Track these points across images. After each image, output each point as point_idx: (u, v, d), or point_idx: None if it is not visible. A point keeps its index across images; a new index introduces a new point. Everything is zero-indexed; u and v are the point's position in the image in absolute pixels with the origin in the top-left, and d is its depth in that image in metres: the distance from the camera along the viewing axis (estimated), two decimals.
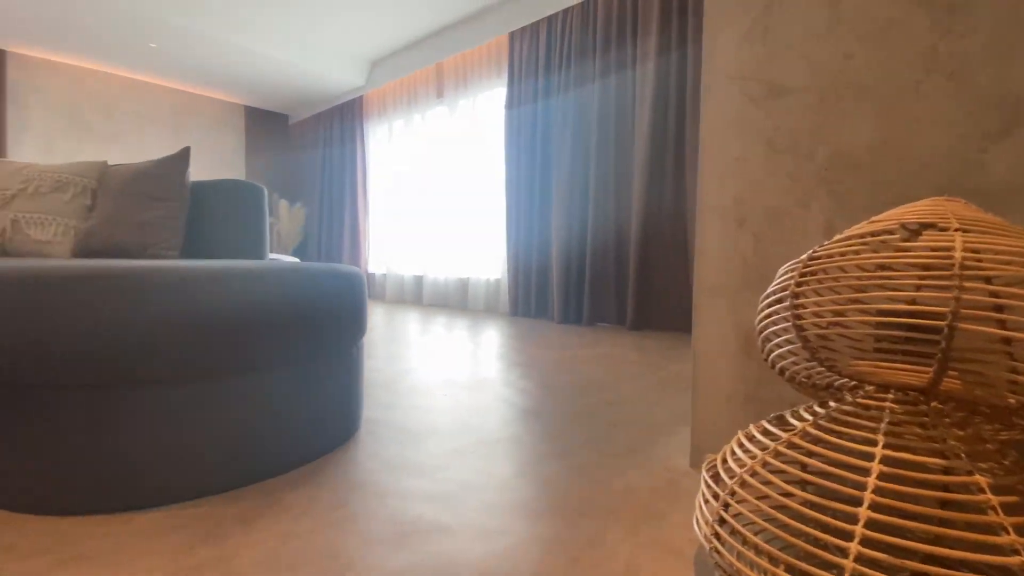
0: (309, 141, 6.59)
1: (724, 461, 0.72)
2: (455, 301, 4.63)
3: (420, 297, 5.09)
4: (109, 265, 0.85)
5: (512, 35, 3.94)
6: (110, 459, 0.85)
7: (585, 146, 3.45)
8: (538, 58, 3.76)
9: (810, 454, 0.61)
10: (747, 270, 0.96)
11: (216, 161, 6.32)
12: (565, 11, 3.56)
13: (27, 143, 5.07)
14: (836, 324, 0.65)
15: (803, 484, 0.61)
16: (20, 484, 0.84)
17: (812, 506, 0.58)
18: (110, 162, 5.57)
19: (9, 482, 0.84)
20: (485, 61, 4.28)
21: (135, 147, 5.69)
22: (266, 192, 1.83)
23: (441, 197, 4.76)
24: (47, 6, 3.95)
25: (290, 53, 4.87)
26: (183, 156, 1.70)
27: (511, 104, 3.93)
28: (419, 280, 5.09)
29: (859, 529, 0.51)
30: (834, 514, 0.56)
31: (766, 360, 0.76)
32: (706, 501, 0.69)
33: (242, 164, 6.54)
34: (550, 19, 3.67)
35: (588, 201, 3.43)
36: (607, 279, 3.32)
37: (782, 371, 0.75)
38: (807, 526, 0.55)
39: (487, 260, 4.34)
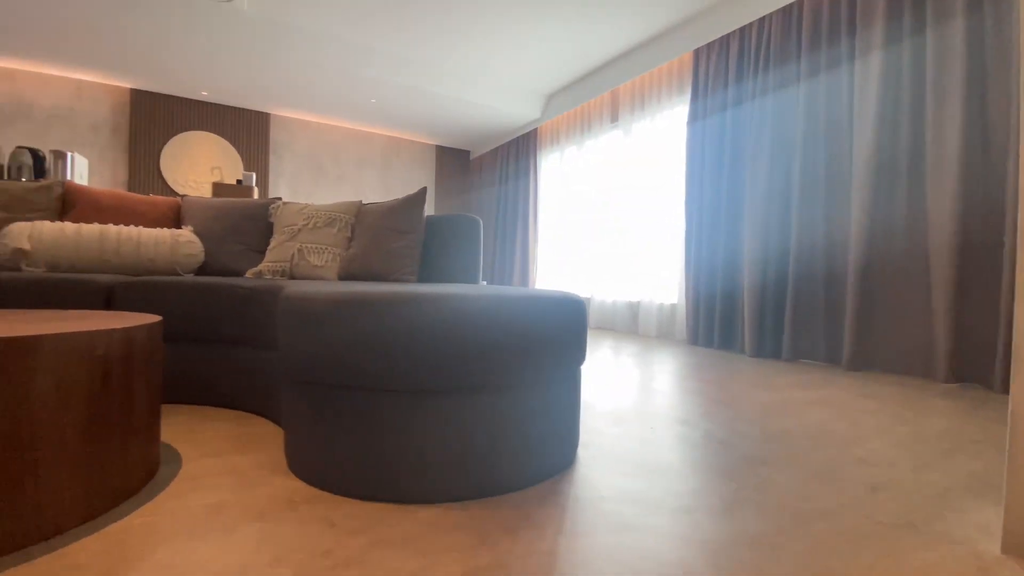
0: (487, 172, 7.18)
1: None
2: (624, 325, 4.54)
3: (587, 319, 5.11)
4: (412, 292, 1.00)
5: (697, 51, 3.80)
6: (399, 455, 0.99)
7: (786, 159, 3.13)
8: (727, 70, 3.56)
9: None
10: None
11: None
12: (762, 18, 3.32)
13: (281, 186, 6.43)
14: None
15: None
16: (337, 470, 1.02)
17: None
18: (343, 198, 6.77)
19: (328, 467, 1.03)
20: (665, 80, 4.20)
21: (354, 185, 6.83)
22: (481, 224, 2.02)
23: (611, 219, 4.75)
24: (302, 79, 5.00)
25: (476, 95, 5.38)
26: (421, 196, 1.96)
27: (694, 119, 3.77)
28: (586, 302, 5.12)
29: None
30: None
31: None
32: None
33: (432, 195, 7.41)
34: (743, 29, 3.45)
35: (790, 220, 3.09)
36: (814, 309, 2.93)
37: None
38: None
39: (661, 283, 4.18)
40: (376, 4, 3.92)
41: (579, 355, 1.22)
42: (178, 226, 2.21)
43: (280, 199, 2.28)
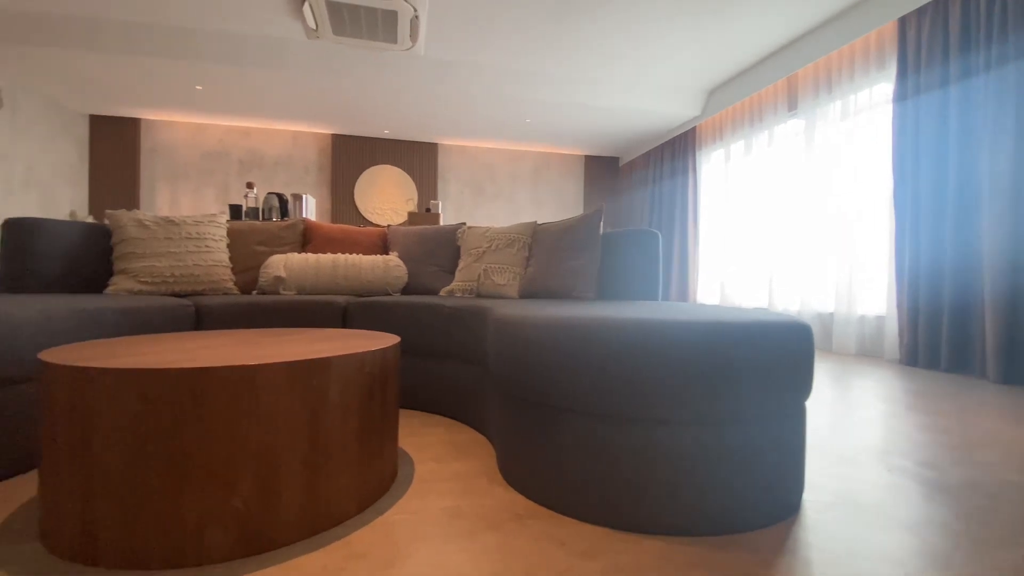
0: (638, 177, 6.99)
1: None
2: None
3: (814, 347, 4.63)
4: (628, 317, 1.00)
5: (904, 19, 3.22)
6: (622, 482, 0.99)
7: None
8: (947, 37, 2.95)
9: None
10: None
11: (560, 206, 7.40)
12: None
13: (448, 208, 7.05)
14: None
15: None
16: (556, 488, 1.06)
17: None
18: (499, 214, 7.20)
19: (547, 485, 1.08)
20: (860, 56, 3.64)
21: (508, 201, 7.20)
22: (660, 238, 1.96)
23: (792, 219, 4.25)
24: (465, 108, 5.43)
25: (630, 101, 5.28)
26: (597, 214, 1.98)
27: (903, 98, 3.20)
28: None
29: None
30: None
31: None
32: None
33: (581, 206, 7.46)
34: None
35: None
36: None
37: None
38: None
39: (861, 292, 3.60)
40: (534, 30, 4.09)
41: (806, 387, 1.10)
42: (386, 252, 2.55)
43: (465, 224, 2.49)
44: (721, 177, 5.27)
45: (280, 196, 3.19)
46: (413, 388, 1.88)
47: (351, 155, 6.52)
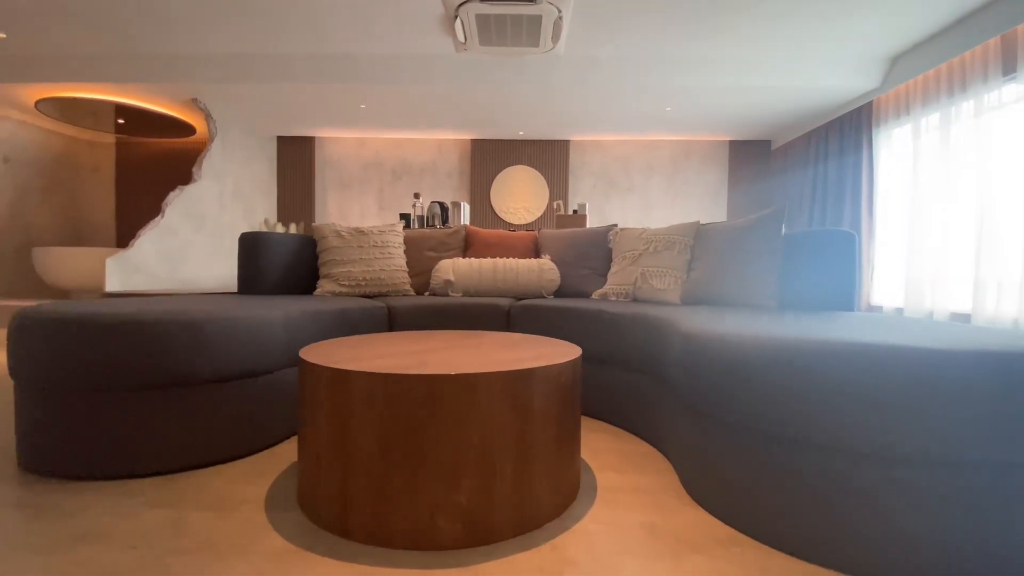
0: (795, 162, 6.28)
1: None
2: None
3: None
4: (885, 344, 0.90)
5: None
6: (844, 521, 0.90)
7: None
8: None
9: None
10: None
11: (701, 196, 6.95)
12: None
13: (579, 204, 7.03)
14: None
15: None
16: (761, 517, 1.01)
17: None
18: (632, 209, 7.02)
19: (750, 512, 1.03)
20: None
21: (642, 194, 6.96)
22: (857, 239, 1.74)
23: (1014, 205, 3.48)
24: (601, 103, 5.35)
25: (790, 79, 4.75)
26: (778, 215, 1.81)
27: None
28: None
29: None
30: None
31: None
32: None
33: (724, 195, 6.93)
34: None
35: None
36: None
37: None
38: None
39: None
40: (678, 12, 3.88)
41: None
42: (537, 255, 2.63)
43: (616, 225, 2.46)
44: (908, 158, 4.50)
45: (441, 204, 3.46)
46: None
47: (488, 158, 6.82)
